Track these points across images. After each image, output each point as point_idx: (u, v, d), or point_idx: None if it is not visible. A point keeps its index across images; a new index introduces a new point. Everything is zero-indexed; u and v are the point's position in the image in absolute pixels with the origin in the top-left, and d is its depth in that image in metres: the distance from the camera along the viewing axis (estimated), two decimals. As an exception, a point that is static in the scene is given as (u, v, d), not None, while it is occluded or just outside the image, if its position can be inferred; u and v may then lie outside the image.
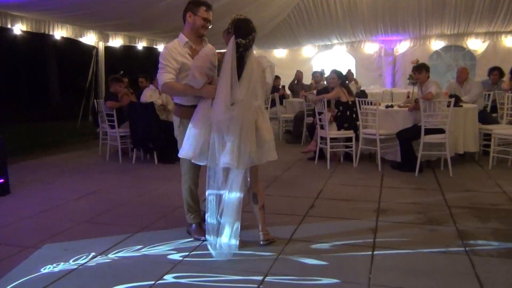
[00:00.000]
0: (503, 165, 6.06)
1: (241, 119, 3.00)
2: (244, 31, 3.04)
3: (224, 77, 3.00)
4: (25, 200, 4.91)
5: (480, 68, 11.75)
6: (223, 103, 2.98)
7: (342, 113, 6.48)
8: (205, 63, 3.11)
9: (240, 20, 3.09)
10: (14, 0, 6.41)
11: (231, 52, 3.00)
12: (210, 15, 3.35)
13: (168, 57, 3.26)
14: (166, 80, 3.24)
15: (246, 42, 3.03)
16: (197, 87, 3.15)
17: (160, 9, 7.90)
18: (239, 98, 2.98)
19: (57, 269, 3.03)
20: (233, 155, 3.00)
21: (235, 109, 2.98)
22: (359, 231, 3.68)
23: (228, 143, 3.03)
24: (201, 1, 3.37)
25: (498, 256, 3.12)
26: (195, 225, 3.60)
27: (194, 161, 3.22)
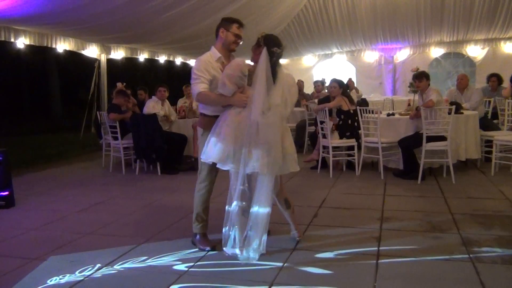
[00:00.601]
0: (505, 171, 6.07)
1: (277, 124, 3.18)
2: (276, 42, 3.28)
3: (260, 84, 3.15)
4: (30, 212, 4.93)
5: (479, 74, 11.79)
6: (260, 108, 3.13)
7: (343, 122, 6.51)
8: (236, 71, 3.23)
9: (269, 34, 3.34)
10: (18, 15, 6.49)
11: (265, 60, 3.18)
12: (241, 32, 3.49)
13: (202, 68, 3.39)
14: (200, 90, 3.36)
15: (279, 51, 3.24)
16: (227, 95, 3.26)
17: (161, 22, 7.98)
18: (276, 102, 3.17)
19: (63, 281, 3.05)
20: (263, 161, 3.12)
21: (271, 114, 3.16)
22: (363, 239, 3.69)
23: (257, 149, 3.13)
24: (234, 18, 3.53)
25: (502, 263, 3.13)
26: (200, 235, 3.62)
27: (220, 165, 3.27)
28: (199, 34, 9.48)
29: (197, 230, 3.62)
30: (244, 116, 3.20)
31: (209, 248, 3.52)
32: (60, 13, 6.68)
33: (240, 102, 3.23)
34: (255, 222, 3.20)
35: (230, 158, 3.19)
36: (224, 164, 3.24)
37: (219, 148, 3.21)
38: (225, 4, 8.03)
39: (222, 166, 3.26)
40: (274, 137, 3.16)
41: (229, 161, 3.20)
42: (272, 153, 3.14)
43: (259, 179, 3.20)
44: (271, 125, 3.15)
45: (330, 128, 6.31)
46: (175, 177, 6.69)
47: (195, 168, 7.03)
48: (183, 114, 7.78)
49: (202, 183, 3.59)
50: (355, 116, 6.45)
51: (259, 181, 3.20)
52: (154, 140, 6.72)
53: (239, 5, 8.27)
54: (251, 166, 3.14)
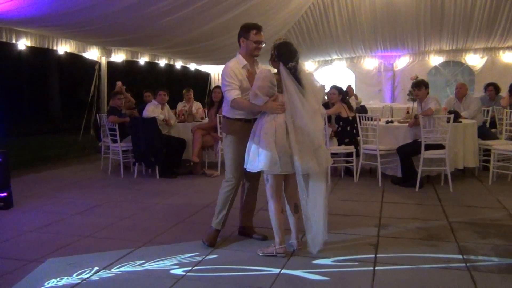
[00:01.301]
0: (503, 180, 6.10)
1: (321, 128, 3.44)
2: (289, 55, 3.36)
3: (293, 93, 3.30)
4: (28, 214, 4.94)
5: (478, 83, 11.83)
6: (306, 114, 3.29)
7: (342, 129, 6.54)
8: (266, 82, 3.38)
9: (280, 45, 3.41)
10: (20, 16, 6.52)
11: (286, 76, 3.33)
12: (261, 36, 3.59)
13: (232, 74, 3.55)
14: (234, 96, 3.53)
15: (294, 64, 3.33)
16: (259, 104, 3.40)
17: (162, 25, 8.01)
18: (315, 108, 3.36)
19: (61, 284, 3.05)
20: (314, 160, 3.31)
21: (318, 120, 3.39)
22: (361, 246, 3.70)
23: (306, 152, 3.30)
24: (250, 25, 3.63)
25: (499, 272, 3.14)
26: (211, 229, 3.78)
27: (270, 171, 3.38)
28: (200, 39, 9.51)
29: (213, 224, 3.79)
30: (280, 122, 3.36)
31: (207, 244, 3.69)
32: (61, 15, 6.70)
33: (274, 109, 3.37)
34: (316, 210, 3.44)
35: (276, 164, 3.32)
36: (271, 171, 3.36)
37: (264, 156, 3.33)
38: (225, 10, 8.06)
39: (271, 172, 3.38)
40: (320, 141, 3.41)
41: (277, 167, 3.33)
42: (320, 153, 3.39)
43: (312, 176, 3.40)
44: (320, 129, 3.44)
45: (329, 135, 6.33)
46: (174, 181, 6.70)
47: (193, 172, 7.09)
48: (182, 118, 7.80)
49: (227, 182, 3.73)
50: (354, 123, 6.47)
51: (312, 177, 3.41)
52: (153, 143, 6.73)
53: (240, 11, 8.31)
54: (304, 168, 3.30)
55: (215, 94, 7.24)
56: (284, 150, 3.30)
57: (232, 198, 3.77)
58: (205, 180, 6.68)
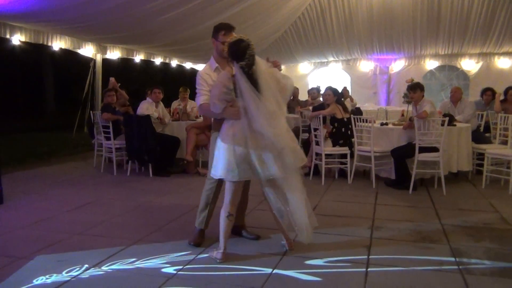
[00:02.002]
0: (496, 184, 6.11)
1: (284, 130, 3.23)
2: (239, 54, 3.16)
3: (247, 96, 3.14)
4: (18, 210, 4.88)
5: (473, 88, 11.90)
6: (263, 118, 3.13)
7: (337, 130, 6.53)
8: (221, 89, 3.25)
9: (231, 44, 3.22)
10: (14, 11, 6.46)
11: (240, 76, 3.16)
12: (230, 36, 3.44)
13: (201, 81, 3.55)
14: (201, 102, 3.53)
15: (246, 62, 3.15)
16: (217, 112, 3.32)
17: (158, 23, 7.98)
18: (273, 109, 3.17)
19: (50, 281, 3.01)
20: (278, 165, 3.19)
21: (276, 123, 3.18)
22: (353, 247, 3.68)
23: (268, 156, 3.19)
24: (220, 26, 3.59)
25: (491, 275, 3.14)
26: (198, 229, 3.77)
27: (228, 179, 3.30)
28: (196, 38, 9.49)
29: (196, 223, 3.77)
30: (238, 128, 3.22)
31: (193, 243, 3.68)
32: (57, 10, 6.65)
33: (232, 115, 3.26)
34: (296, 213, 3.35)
35: (234, 171, 3.23)
36: (229, 178, 3.28)
37: (221, 163, 3.26)
38: (222, 10, 8.04)
39: (231, 179, 3.29)
40: (285, 141, 3.23)
41: (234, 174, 3.24)
42: (285, 155, 3.22)
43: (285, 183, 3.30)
44: (281, 132, 3.21)
45: (323, 136, 6.32)
46: (167, 179, 6.66)
47: (187, 171, 7.05)
48: (177, 116, 7.76)
49: (209, 180, 3.71)
50: (348, 124, 6.47)
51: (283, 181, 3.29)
52: (147, 141, 6.69)
53: (236, 11, 8.29)
54: (267, 173, 3.21)
55: (210, 93, 7.20)
56: (244, 156, 3.19)
57: (214, 197, 3.72)
58: (199, 179, 6.63)
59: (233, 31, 3.54)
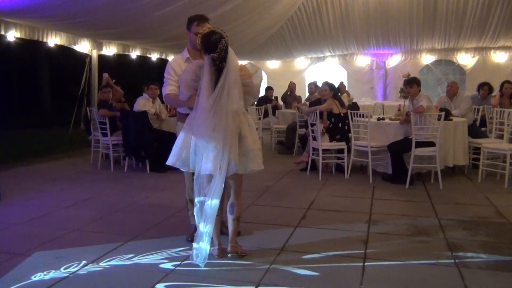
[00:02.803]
0: (492, 178, 6.14)
1: (223, 126, 3.07)
2: (211, 46, 3.09)
3: (203, 88, 3.09)
4: (15, 207, 4.87)
5: (469, 82, 11.94)
6: (204, 113, 3.06)
7: (334, 125, 6.54)
8: (190, 75, 3.20)
9: (204, 36, 3.13)
10: (9, 6, 6.42)
11: (207, 68, 3.08)
12: (203, 27, 3.33)
13: (170, 70, 3.50)
14: (167, 92, 3.48)
15: (217, 55, 3.08)
16: (183, 99, 3.29)
17: (154, 19, 7.95)
18: (226, 105, 3.05)
19: (48, 277, 3.01)
20: (216, 162, 3.08)
21: (215, 117, 3.05)
22: (350, 242, 3.70)
23: (211, 151, 3.09)
24: (193, 17, 3.54)
25: (487, 268, 3.16)
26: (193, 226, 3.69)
27: (179, 167, 3.29)
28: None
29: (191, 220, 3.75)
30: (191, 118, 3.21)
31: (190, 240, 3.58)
32: (52, 6, 6.62)
33: (193, 105, 3.21)
34: (208, 216, 3.13)
35: (182, 161, 3.22)
36: (181, 166, 3.27)
37: (173, 152, 3.26)
38: (218, 4, 8.02)
39: (180, 168, 3.28)
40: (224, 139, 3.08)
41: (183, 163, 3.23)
42: (224, 154, 3.08)
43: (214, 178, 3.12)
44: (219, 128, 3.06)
45: (320, 131, 6.33)
46: (164, 175, 6.66)
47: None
48: (173, 112, 7.74)
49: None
50: (345, 119, 6.48)
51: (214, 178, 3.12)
52: (144, 137, 6.68)
53: (233, 6, 8.27)
54: (204, 168, 3.11)
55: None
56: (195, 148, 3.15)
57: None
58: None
59: (207, 22, 3.47)
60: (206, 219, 3.13)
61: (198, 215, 3.18)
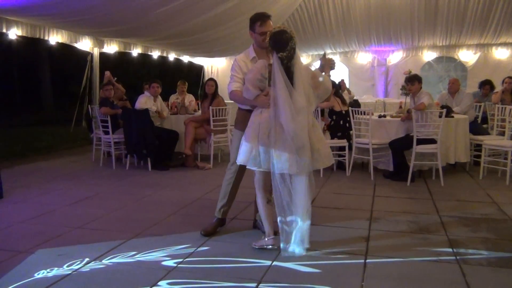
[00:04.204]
0: (493, 175, 6.14)
1: (307, 127, 3.17)
2: (281, 45, 3.17)
3: (280, 88, 3.13)
4: (18, 205, 4.89)
5: (471, 79, 11.92)
6: (289, 112, 3.11)
7: (335, 122, 6.54)
8: (256, 75, 3.27)
9: (275, 34, 3.23)
10: (10, 5, 6.42)
11: (277, 67, 3.16)
12: (267, 26, 3.44)
13: (236, 68, 3.54)
14: (233, 88, 3.51)
15: (286, 54, 3.16)
16: (249, 98, 3.33)
17: (156, 16, 7.94)
18: (302, 105, 3.14)
19: (51, 274, 3.03)
20: (292, 161, 3.13)
21: (301, 118, 3.13)
22: (352, 239, 3.71)
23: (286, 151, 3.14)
24: (255, 17, 3.56)
25: (488, 265, 3.17)
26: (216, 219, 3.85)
27: (249, 166, 3.33)
28: (193, 31, 9.45)
29: (215, 213, 3.85)
30: (265, 117, 3.24)
31: (203, 232, 3.74)
32: (53, 4, 6.61)
33: (262, 103, 3.27)
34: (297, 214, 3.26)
35: (255, 159, 3.24)
36: (251, 165, 3.30)
37: (243, 150, 3.29)
38: (219, 2, 8.01)
39: (250, 167, 3.32)
40: (305, 140, 3.17)
41: (256, 162, 3.25)
42: (302, 154, 3.16)
43: (295, 177, 3.22)
44: (303, 129, 3.16)
45: (321, 128, 6.33)
46: (166, 173, 6.68)
47: (186, 165, 7.07)
48: (175, 110, 7.76)
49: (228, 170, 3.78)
50: (347, 117, 6.48)
51: (295, 178, 3.22)
52: (146, 135, 6.69)
53: (234, 4, 8.26)
54: (279, 167, 3.16)
55: (208, 87, 7.21)
56: (266, 147, 3.19)
57: (232, 188, 3.77)
58: (197, 173, 6.66)
59: (269, 19, 3.52)
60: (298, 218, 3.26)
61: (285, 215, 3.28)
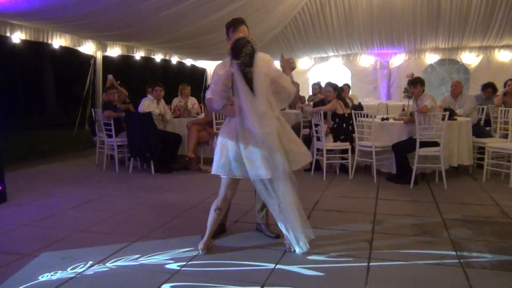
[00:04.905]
0: (497, 178, 6.13)
1: (274, 131, 3.19)
2: (236, 51, 3.18)
3: (241, 96, 3.16)
4: (22, 208, 4.92)
5: (474, 81, 11.89)
6: (255, 119, 3.14)
7: (338, 125, 6.54)
8: (219, 86, 3.30)
9: (232, 42, 3.23)
10: (14, 9, 6.46)
11: (237, 75, 3.18)
12: (240, 32, 3.44)
13: (214, 75, 3.51)
14: (208, 97, 3.54)
15: (242, 60, 3.16)
16: (218, 108, 3.38)
17: (158, 20, 7.97)
18: (262, 110, 3.15)
19: (55, 277, 3.04)
20: (266, 166, 3.17)
21: (267, 123, 3.16)
22: (355, 242, 3.71)
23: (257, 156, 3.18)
24: (228, 24, 3.60)
25: (492, 268, 3.16)
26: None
27: (220, 174, 3.37)
28: (196, 34, 9.48)
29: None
30: (232, 125, 3.29)
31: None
32: (57, 8, 6.65)
33: (229, 113, 3.33)
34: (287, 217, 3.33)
35: (224, 167, 3.30)
36: (222, 174, 3.35)
37: (215, 159, 3.35)
38: (222, 5, 8.03)
39: (221, 174, 3.36)
40: (275, 143, 3.19)
41: (225, 169, 3.30)
42: (275, 156, 3.18)
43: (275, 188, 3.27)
44: (270, 134, 3.18)
45: (324, 131, 6.34)
46: (169, 176, 6.69)
47: (189, 168, 7.08)
48: (178, 113, 7.78)
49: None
50: (349, 120, 6.48)
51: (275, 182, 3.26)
52: (149, 138, 6.71)
53: (236, 7, 8.28)
54: (253, 173, 3.21)
55: (211, 90, 7.22)
56: (235, 153, 3.23)
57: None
58: (200, 176, 6.67)
59: (242, 24, 3.54)
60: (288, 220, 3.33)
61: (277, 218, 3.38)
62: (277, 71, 3.41)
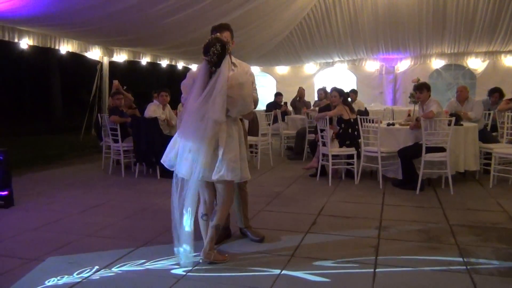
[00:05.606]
0: (504, 184, 6.09)
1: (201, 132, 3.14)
2: (205, 49, 3.21)
3: (194, 91, 3.21)
4: (28, 212, 4.94)
5: (480, 87, 11.85)
6: (189, 115, 3.18)
7: (344, 131, 6.54)
8: (188, 80, 3.35)
9: (207, 41, 3.27)
10: (22, 15, 6.53)
11: (202, 71, 3.21)
12: (223, 36, 3.45)
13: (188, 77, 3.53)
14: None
15: (209, 58, 3.18)
16: (182, 101, 3.45)
17: (164, 26, 8.03)
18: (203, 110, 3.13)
19: (61, 282, 3.06)
20: (190, 166, 3.21)
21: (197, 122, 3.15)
22: (361, 248, 3.70)
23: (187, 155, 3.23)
24: (215, 27, 3.63)
25: (499, 275, 3.14)
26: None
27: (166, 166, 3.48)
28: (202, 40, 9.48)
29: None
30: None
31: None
32: (64, 14, 6.73)
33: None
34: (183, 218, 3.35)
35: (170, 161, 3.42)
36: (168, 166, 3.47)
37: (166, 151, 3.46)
38: (228, 11, 8.07)
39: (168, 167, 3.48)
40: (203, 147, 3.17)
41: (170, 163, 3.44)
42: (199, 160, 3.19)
43: (186, 181, 3.31)
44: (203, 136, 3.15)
45: (330, 136, 6.33)
46: (174, 181, 6.69)
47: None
48: (183, 118, 7.77)
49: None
50: (355, 125, 6.47)
51: (186, 183, 3.31)
52: (155, 143, 6.73)
53: (242, 12, 8.32)
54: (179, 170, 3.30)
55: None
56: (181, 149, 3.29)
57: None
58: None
59: (226, 29, 3.58)
60: (186, 224, 3.33)
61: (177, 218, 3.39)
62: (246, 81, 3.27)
